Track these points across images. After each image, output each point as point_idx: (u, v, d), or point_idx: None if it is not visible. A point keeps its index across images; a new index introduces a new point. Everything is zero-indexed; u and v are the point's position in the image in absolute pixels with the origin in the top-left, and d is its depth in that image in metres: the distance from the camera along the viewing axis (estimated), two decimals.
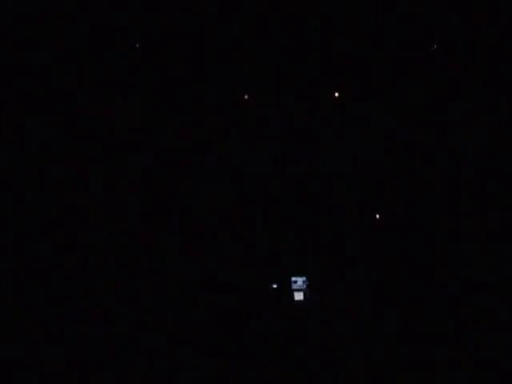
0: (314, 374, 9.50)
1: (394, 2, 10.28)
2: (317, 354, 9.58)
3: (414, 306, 9.77)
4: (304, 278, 9.99)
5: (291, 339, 9.69)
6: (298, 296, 9.95)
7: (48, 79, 10.33)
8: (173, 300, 9.88)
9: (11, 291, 9.74)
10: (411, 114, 10.29)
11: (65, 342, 9.55)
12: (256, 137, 10.47)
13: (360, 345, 9.61)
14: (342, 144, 10.37)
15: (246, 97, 10.48)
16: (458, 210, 9.96)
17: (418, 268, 9.86)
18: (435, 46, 10.26)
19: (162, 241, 10.14)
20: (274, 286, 9.95)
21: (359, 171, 10.29)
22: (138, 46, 10.43)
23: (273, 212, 10.28)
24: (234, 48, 10.47)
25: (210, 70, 10.48)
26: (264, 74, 10.50)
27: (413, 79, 10.32)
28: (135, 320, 9.77)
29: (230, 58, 10.46)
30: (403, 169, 10.20)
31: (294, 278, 10.01)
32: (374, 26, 10.36)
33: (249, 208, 10.28)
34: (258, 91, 10.49)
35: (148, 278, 10.01)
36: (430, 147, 10.19)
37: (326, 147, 10.40)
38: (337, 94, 10.42)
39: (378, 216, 10.09)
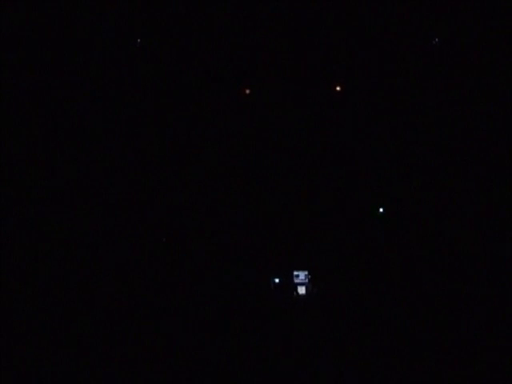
0: (315, 367, 9.75)
1: None
2: (319, 347, 9.84)
3: (415, 299, 9.98)
4: (306, 272, 10.22)
5: (294, 333, 9.95)
6: (301, 290, 10.21)
7: (47, 74, 10.34)
8: (172, 295, 10.09)
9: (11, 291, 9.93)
10: (413, 108, 10.31)
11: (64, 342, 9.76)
12: (258, 130, 10.55)
13: (361, 338, 9.85)
14: (344, 137, 10.44)
15: (247, 91, 10.52)
16: (461, 204, 10.07)
17: (420, 263, 10.03)
18: (436, 40, 10.21)
19: (162, 235, 10.32)
20: (276, 280, 10.18)
21: (362, 165, 10.39)
22: (139, 41, 10.43)
23: (275, 206, 10.44)
24: (235, 42, 10.44)
25: (211, 65, 10.49)
26: (265, 69, 10.50)
27: (414, 73, 10.30)
28: (137, 317, 10.00)
29: (231, 52, 10.45)
30: (406, 163, 10.27)
31: (296, 272, 10.25)
32: (375, 19, 10.29)
33: (251, 203, 10.43)
34: (260, 85, 10.52)
35: (149, 270, 10.23)
36: (433, 140, 10.24)
37: (328, 141, 10.47)
38: (338, 88, 10.44)
39: (381, 210, 10.22)
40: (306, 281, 10.22)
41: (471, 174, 10.13)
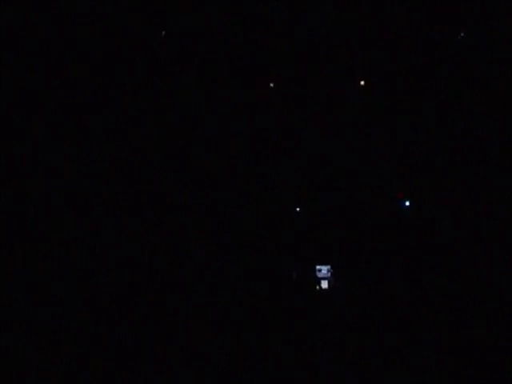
0: (339, 361, 9.64)
1: None
2: (342, 342, 9.73)
3: (437, 293, 9.89)
4: (329, 267, 10.15)
5: (317, 327, 9.86)
6: (323, 284, 10.13)
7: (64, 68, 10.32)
8: (190, 290, 10.01)
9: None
10: (436, 103, 10.27)
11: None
12: (282, 124, 10.52)
13: (385, 333, 9.74)
14: (371, 131, 10.40)
15: (271, 85, 10.50)
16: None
17: (445, 259, 9.95)
18: (462, 35, 10.18)
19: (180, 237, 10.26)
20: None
21: (388, 158, 10.33)
22: (163, 33, 10.43)
23: (297, 201, 10.39)
24: (259, 36, 10.44)
25: (234, 59, 10.48)
26: (289, 62, 10.49)
27: (438, 68, 10.27)
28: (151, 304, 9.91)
29: (255, 47, 10.44)
30: (435, 157, 10.21)
31: (318, 267, 10.17)
32: (397, 11, 10.27)
33: (274, 198, 10.38)
34: (284, 79, 10.50)
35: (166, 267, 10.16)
36: (457, 135, 10.20)
37: (354, 134, 10.43)
38: (362, 83, 10.42)
39: (407, 203, 10.15)
40: (329, 275, 10.14)
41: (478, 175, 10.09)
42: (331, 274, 10.14)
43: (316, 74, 10.37)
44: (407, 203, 10.15)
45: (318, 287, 10.11)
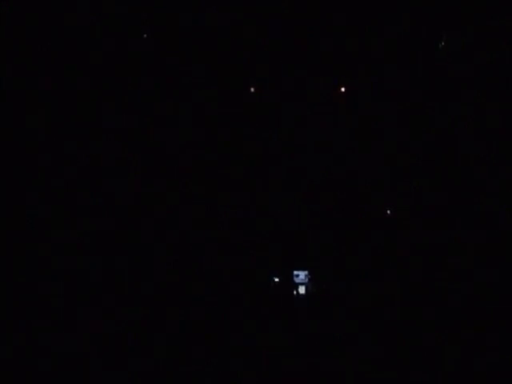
0: (316, 368, 9.64)
1: None
2: (319, 348, 9.73)
3: (414, 301, 9.91)
4: (306, 272, 10.15)
5: (294, 333, 9.85)
6: (301, 290, 10.12)
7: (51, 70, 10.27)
8: (168, 295, 9.95)
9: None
10: (419, 111, 10.30)
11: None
12: (262, 129, 10.52)
13: (362, 338, 9.76)
14: (348, 137, 10.43)
15: (252, 89, 10.50)
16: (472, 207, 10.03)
17: (425, 267, 9.97)
18: (443, 43, 10.24)
19: (156, 232, 10.20)
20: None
21: (365, 165, 10.35)
22: (145, 36, 10.40)
23: (276, 205, 10.38)
24: (240, 41, 10.44)
25: (215, 63, 10.46)
26: (270, 67, 10.49)
27: (419, 77, 10.31)
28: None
29: (236, 51, 10.44)
30: (415, 164, 10.22)
31: (296, 272, 10.16)
32: (380, 20, 10.31)
33: (251, 202, 10.37)
34: (265, 84, 10.50)
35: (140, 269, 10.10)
36: (439, 143, 10.23)
37: (332, 141, 10.45)
38: (343, 89, 10.44)
39: (388, 212, 10.16)
40: (306, 280, 10.14)
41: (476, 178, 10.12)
42: (309, 279, 10.13)
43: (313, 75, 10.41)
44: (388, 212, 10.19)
45: (295, 292, 10.11)
